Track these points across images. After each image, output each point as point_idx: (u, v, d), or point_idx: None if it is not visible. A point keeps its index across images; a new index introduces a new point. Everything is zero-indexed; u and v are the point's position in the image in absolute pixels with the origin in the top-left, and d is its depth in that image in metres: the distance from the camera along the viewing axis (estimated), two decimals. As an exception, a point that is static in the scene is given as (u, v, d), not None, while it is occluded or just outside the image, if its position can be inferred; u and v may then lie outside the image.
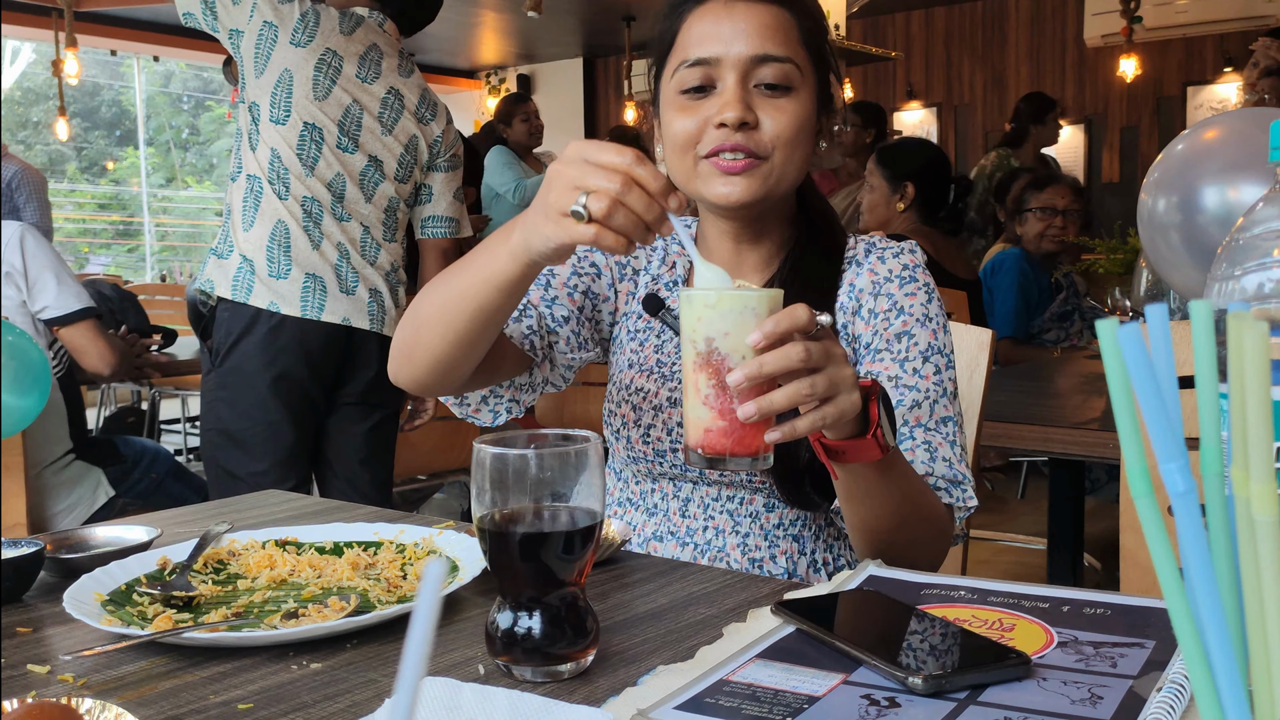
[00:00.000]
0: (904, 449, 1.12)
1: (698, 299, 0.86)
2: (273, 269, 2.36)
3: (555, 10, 7.13)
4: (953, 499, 1.12)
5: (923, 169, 3.31)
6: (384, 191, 2.49)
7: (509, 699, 0.71)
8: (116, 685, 0.78)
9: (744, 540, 1.19)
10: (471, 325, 1.03)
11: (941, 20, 8.91)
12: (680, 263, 1.29)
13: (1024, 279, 3.72)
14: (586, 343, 1.27)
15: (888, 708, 0.69)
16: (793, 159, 1.14)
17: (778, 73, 1.12)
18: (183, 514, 1.31)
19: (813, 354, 0.84)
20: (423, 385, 1.12)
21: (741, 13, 1.13)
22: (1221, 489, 0.38)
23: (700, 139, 1.13)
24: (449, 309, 1.03)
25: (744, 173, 1.12)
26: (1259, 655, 0.37)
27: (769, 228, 1.22)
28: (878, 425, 0.91)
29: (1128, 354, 0.36)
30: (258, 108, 2.39)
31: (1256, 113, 2.17)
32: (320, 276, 2.38)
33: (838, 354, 0.87)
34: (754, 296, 0.85)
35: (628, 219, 0.87)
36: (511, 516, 0.77)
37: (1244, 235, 0.65)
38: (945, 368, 1.16)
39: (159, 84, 12.80)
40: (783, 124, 1.12)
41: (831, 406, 0.86)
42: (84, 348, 2.60)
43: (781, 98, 1.13)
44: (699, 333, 0.86)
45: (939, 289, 1.23)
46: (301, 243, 2.37)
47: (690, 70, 1.13)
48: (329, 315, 2.38)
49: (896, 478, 1.00)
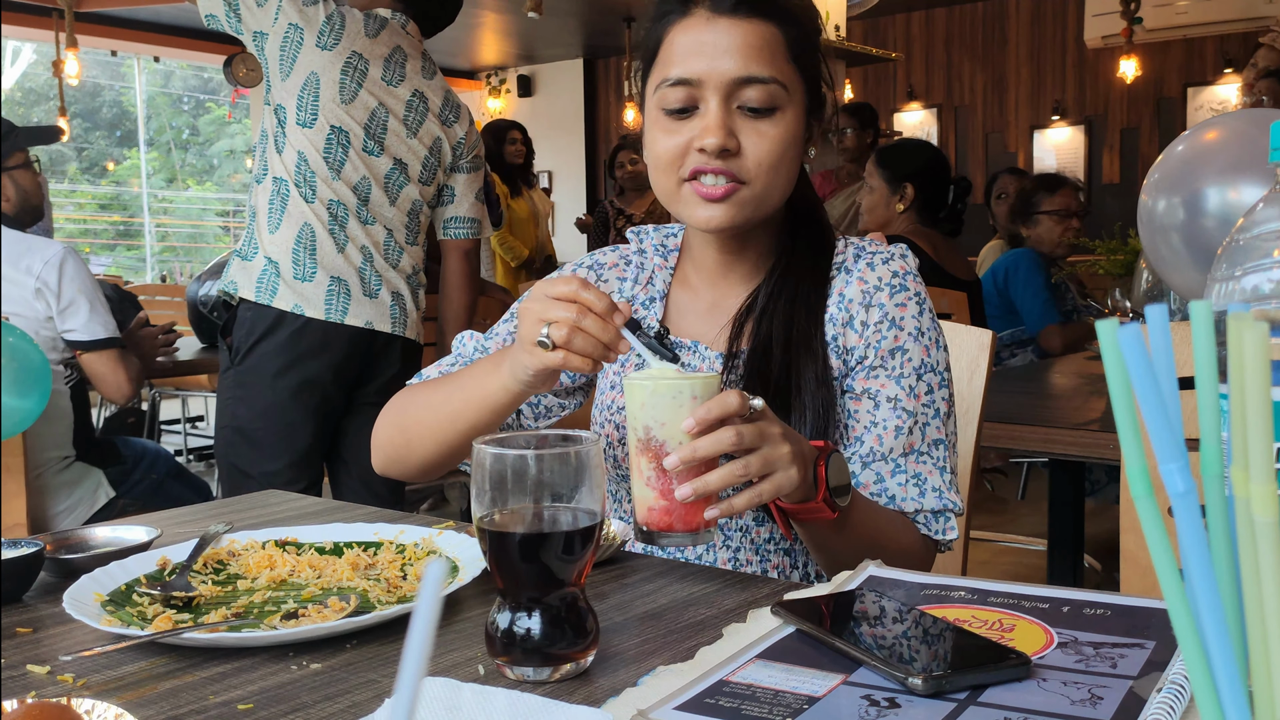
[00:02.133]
0: (896, 484, 1.13)
1: (638, 387, 0.92)
2: (298, 271, 2.37)
3: (555, 11, 7.13)
4: (931, 532, 1.13)
5: (922, 170, 3.30)
6: (408, 194, 2.50)
7: (509, 699, 0.71)
8: (116, 685, 0.78)
9: (735, 555, 1.18)
10: (464, 439, 1.13)
11: (942, 21, 8.92)
12: (659, 276, 1.27)
13: (1045, 273, 3.71)
14: (561, 402, 1.29)
15: (888, 708, 0.69)
16: (776, 182, 1.12)
17: (762, 94, 1.09)
18: (183, 514, 1.31)
19: (745, 436, 0.90)
20: (408, 479, 1.25)
21: (725, 29, 1.10)
22: (1221, 490, 0.38)
23: (683, 161, 1.11)
24: (443, 426, 1.15)
25: (725, 199, 1.10)
26: (1259, 655, 0.37)
27: (755, 238, 1.20)
28: (826, 490, 0.98)
29: (1128, 355, 0.36)
30: (284, 110, 2.39)
31: (1257, 113, 2.17)
32: (344, 280, 2.40)
33: (773, 433, 0.92)
34: (688, 384, 0.90)
35: (586, 341, 0.97)
36: (511, 517, 0.77)
37: (1244, 236, 0.65)
38: (939, 385, 1.15)
39: (159, 84, 12.81)
40: (765, 148, 1.10)
41: (768, 484, 0.92)
42: (103, 375, 2.63)
43: (765, 120, 1.10)
44: (639, 419, 0.92)
45: (939, 290, 1.23)
46: (327, 246, 2.38)
47: (672, 90, 1.10)
48: (352, 318, 2.40)
49: (854, 527, 1.05)
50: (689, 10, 1.12)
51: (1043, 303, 3.67)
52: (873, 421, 1.14)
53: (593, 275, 1.28)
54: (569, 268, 1.31)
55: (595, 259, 1.30)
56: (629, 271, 1.29)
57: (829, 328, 1.17)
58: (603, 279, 1.28)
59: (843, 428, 1.16)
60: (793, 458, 0.93)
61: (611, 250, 1.32)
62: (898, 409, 1.13)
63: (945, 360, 1.18)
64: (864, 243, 1.23)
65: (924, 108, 8.98)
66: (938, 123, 8.96)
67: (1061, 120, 8.56)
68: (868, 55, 5.97)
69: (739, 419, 0.91)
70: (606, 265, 1.30)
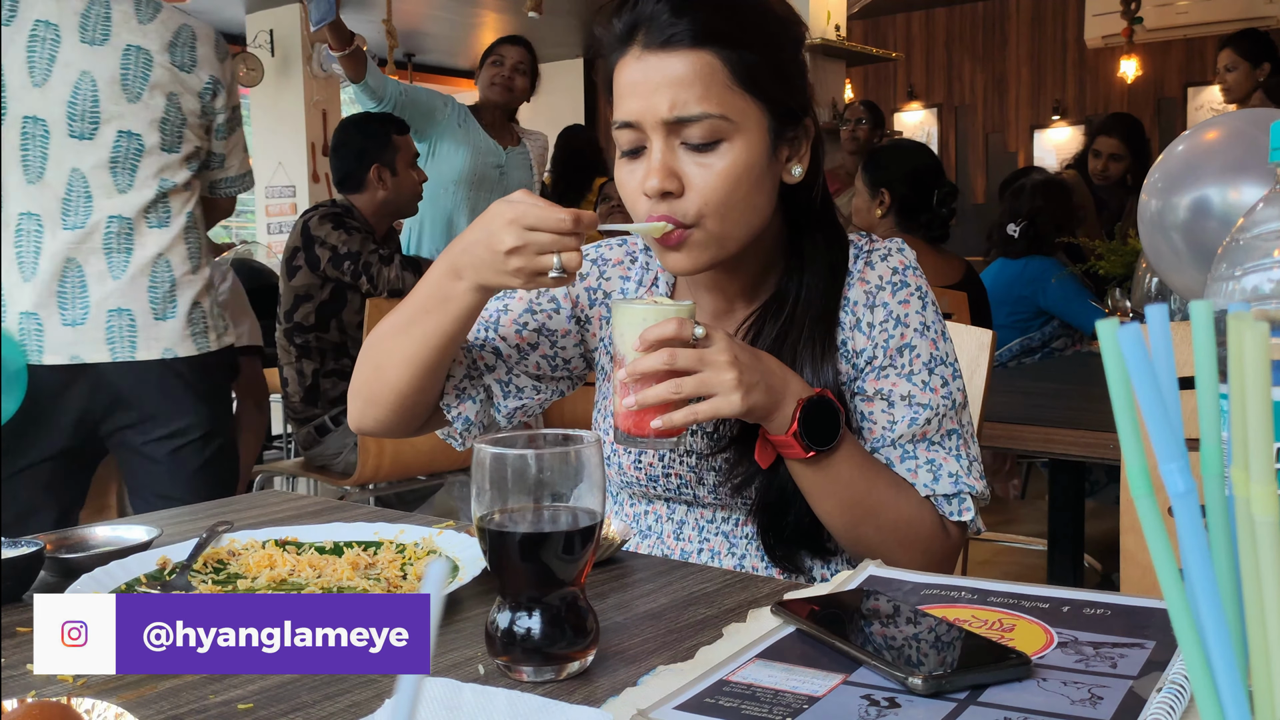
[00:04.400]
0: (905, 469, 1.13)
1: (615, 310, 1.04)
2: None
3: (555, 10, 7.13)
4: (945, 513, 1.13)
5: (901, 176, 3.27)
6: (148, 168, 2.11)
7: (509, 699, 0.71)
8: (116, 685, 0.78)
9: (740, 562, 1.18)
10: (435, 352, 1.12)
11: (942, 21, 8.91)
12: (664, 279, 1.25)
13: (1074, 276, 3.67)
14: (535, 384, 1.24)
15: (888, 708, 0.69)
16: (731, 216, 1.07)
17: (701, 130, 1.04)
18: (182, 514, 1.31)
19: (680, 359, 0.98)
20: (386, 425, 1.19)
21: (656, 65, 1.04)
22: (1221, 489, 0.38)
23: (638, 204, 1.09)
24: (412, 345, 1.12)
25: (678, 246, 1.07)
26: (1259, 655, 0.37)
27: (744, 258, 1.15)
28: (796, 428, 1.03)
29: (1128, 354, 0.36)
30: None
31: (1257, 113, 2.17)
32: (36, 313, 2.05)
33: (716, 360, 0.99)
34: (646, 309, 1.01)
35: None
36: (511, 516, 0.77)
37: (1244, 236, 0.65)
38: (952, 378, 1.14)
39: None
40: (712, 184, 1.05)
41: (705, 405, 1.00)
42: (253, 378, 2.65)
43: (710, 154, 1.05)
44: (613, 336, 1.05)
45: (939, 290, 1.22)
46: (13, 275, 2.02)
47: (620, 132, 1.08)
48: (51, 355, 2.05)
49: (834, 479, 1.08)
50: (627, 47, 1.07)
51: (1087, 298, 3.65)
52: (891, 420, 1.13)
53: (596, 270, 1.27)
54: None
55: (600, 253, 1.28)
56: (633, 270, 1.27)
57: (838, 334, 1.16)
58: (605, 275, 1.27)
59: (856, 431, 1.15)
60: (736, 384, 0.99)
61: (618, 244, 1.29)
62: (912, 405, 1.12)
63: (953, 352, 1.17)
64: (860, 240, 1.20)
65: (924, 107, 8.98)
66: (938, 123, 8.96)
67: (1062, 120, 8.56)
68: (868, 55, 5.98)
69: (681, 344, 0.99)
70: (611, 262, 1.27)
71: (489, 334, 1.22)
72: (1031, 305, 3.74)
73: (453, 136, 3.90)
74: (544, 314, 1.24)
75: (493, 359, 1.22)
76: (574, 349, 1.26)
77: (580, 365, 1.28)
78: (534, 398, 1.24)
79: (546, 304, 1.24)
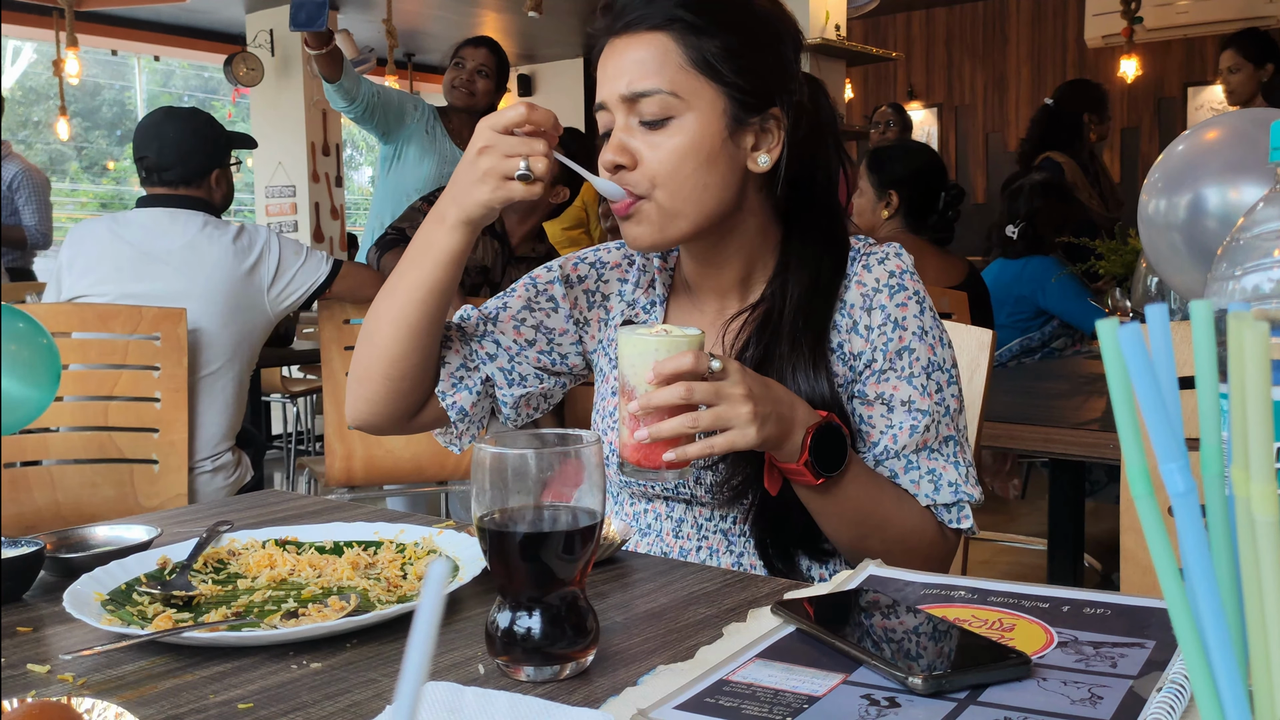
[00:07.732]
0: (909, 481, 1.13)
1: (621, 339, 1.02)
2: None
3: (555, 10, 7.12)
4: (945, 521, 1.15)
5: (909, 177, 3.27)
6: None
7: (510, 702, 0.71)
8: (116, 685, 0.78)
9: (739, 560, 1.18)
10: (421, 306, 1.12)
11: (942, 21, 8.91)
12: (660, 280, 1.26)
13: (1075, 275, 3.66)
14: (538, 373, 1.24)
15: (888, 708, 0.69)
16: (680, 191, 1.10)
17: (652, 106, 1.09)
18: (182, 514, 1.31)
19: (697, 393, 0.97)
20: (378, 407, 1.18)
21: (620, 48, 1.12)
22: (1222, 489, 0.38)
23: None
24: (397, 303, 1.13)
25: (629, 215, 1.12)
26: (1259, 655, 0.37)
27: (727, 252, 1.18)
28: (807, 456, 1.03)
29: (1128, 354, 0.36)
30: None
31: (1257, 113, 2.17)
32: None
33: (732, 394, 0.99)
34: (658, 341, 0.99)
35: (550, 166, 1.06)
36: (511, 516, 0.77)
37: (1244, 235, 0.65)
38: (948, 383, 1.15)
39: (160, 83, 12.80)
40: (659, 158, 1.09)
41: (721, 439, 0.99)
42: (356, 286, 2.67)
43: (659, 131, 1.10)
44: (620, 366, 1.02)
45: (939, 290, 1.22)
46: None
47: (599, 115, 1.15)
48: None
49: (850, 500, 1.09)
50: (607, 37, 1.14)
51: (1087, 298, 3.64)
52: (889, 425, 1.14)
53: (594, 272, 1.28)
54: (570, 262, 1.30)
55: (599, 256, 1.29)
56: (631, 274, 1.28)
57: (834, 336, 1.16)
58: (603, 278, 1.28)
59: (856, 434, 1.16)
60: (752, 418, 0.99)
61: (616, 248, 1.30)
62: (912, 410, 1.13)
63: (951, 357, 1.17)
64: (859, 243, 1.20)
65: (924, 107, 8.97)
66: (938, 122, 8.95)
67: (1061, 120, 8.53)
68: (868, 55, 5.97)
69: (696, 377, 0.97)
70: (609, 265, 1.28)
71: (489, 327, 1.23)
72: (1031, 305, 3.74)
73: (420, 142, 3.90)
74: (542, 312, 1.25)
75: (493, 348, 1.23)
76: (571, 347, 1.27)
77: (579, 364, 1.28)
78: (537, 386, 1.25)
79: (545, 303, 1.25)
